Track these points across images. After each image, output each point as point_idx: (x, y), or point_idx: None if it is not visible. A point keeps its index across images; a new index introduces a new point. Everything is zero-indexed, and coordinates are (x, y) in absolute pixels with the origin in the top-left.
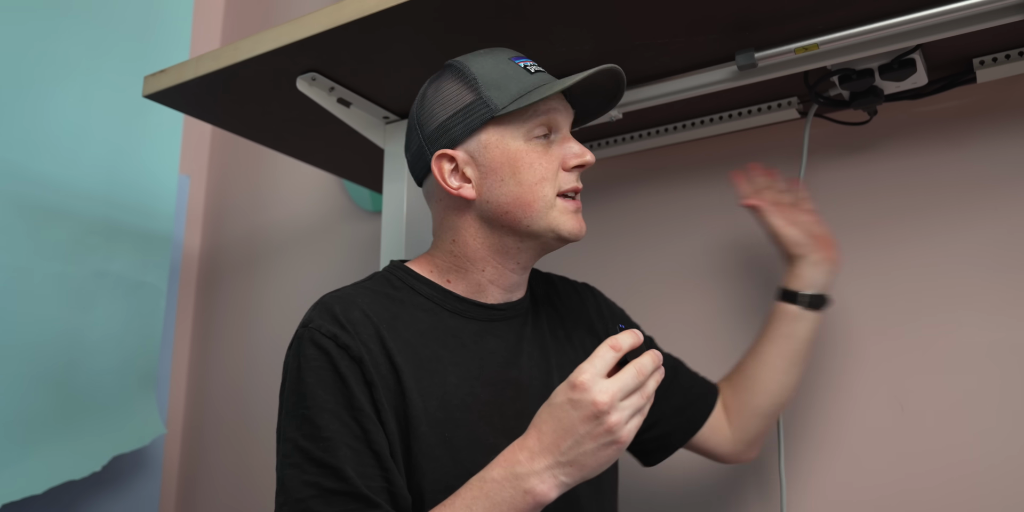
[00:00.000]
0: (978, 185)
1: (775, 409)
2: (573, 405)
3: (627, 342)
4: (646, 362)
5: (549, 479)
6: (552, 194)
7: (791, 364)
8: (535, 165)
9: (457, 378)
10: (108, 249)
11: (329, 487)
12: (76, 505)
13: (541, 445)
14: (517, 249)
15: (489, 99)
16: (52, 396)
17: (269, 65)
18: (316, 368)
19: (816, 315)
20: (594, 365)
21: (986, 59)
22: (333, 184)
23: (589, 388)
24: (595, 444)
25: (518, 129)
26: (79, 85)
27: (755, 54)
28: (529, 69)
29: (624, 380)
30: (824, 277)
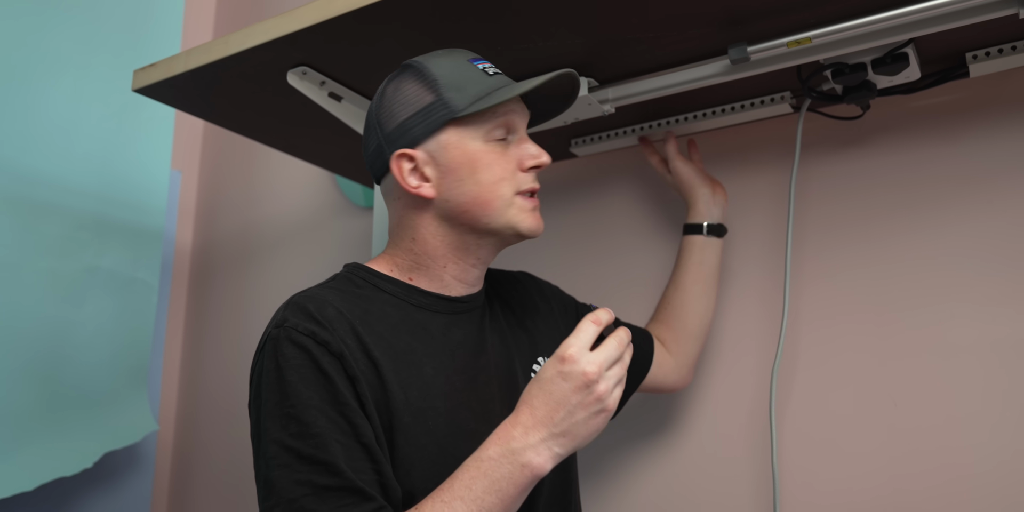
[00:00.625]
0: (971, 179)
1: (704, 330)
2: (563, 377)
3: (605, 318)
4: (623, 335)
5: (544, 451)
6: (510, 193)
7: (707, 287)
8: (493, 165)
9: (432, 369)
10: (99, 245)
11: (323, 484)
12: (67, 502)
13: (534, 419)
14: (476, 245)
15: (449, 100)
16: (43, 392)
17: (260, 59)
18: (297, 366)
19: (719, 241)
20: (579, 339)
21: (979, 53)
22: (325, 179)
23: (578, 360)
24: (586, 413)
25: (477, 130)
26: (70, 80)
27: (748, 48)
28: (487, 71)
29: (608, 351)
30: (719, 210)
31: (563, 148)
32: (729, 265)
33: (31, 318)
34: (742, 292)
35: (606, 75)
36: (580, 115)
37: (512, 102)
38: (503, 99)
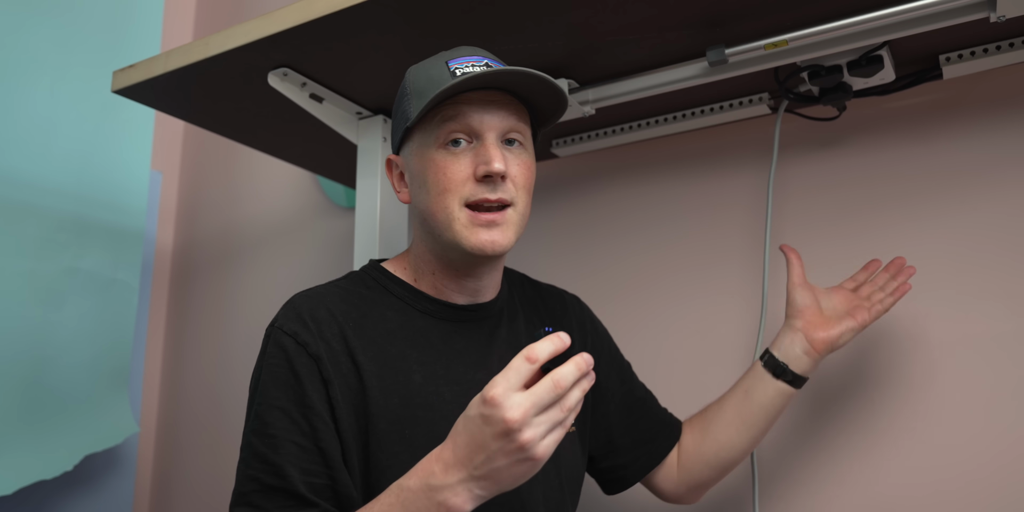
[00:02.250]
0: (945, 178)
1: (722, 463)
2: (485, 420)
3: (545, 351)
4: (565, 372)
5: (463, 492)
6: (455, 205)
7: (739, 421)
8: (439, 174)
9: (422, 377)
10: (79, 246)
11: (268, 483)
12: (47, 505)
13: (455, 458)
14: (450, 259)
15: (408, 107)
16: (22, 395)
17: (240, 60)
18: (272, 365)
19: (779, 385)
20: (507, 378)
21: (952, 56)
22: (307, 180)
23: (500, 404)
24: (508, 461)
25: (428, 137)
26: (48, 80)
27: (726, 50)
28: (456, 72)
29: (538, 395)
30: (798, 350)
31: (544, 149)
32: (707, 264)
33: (10, 320)
34: (721, 289)
35: (586, 77)
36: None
37: (470, 104)
38: (429, 99)
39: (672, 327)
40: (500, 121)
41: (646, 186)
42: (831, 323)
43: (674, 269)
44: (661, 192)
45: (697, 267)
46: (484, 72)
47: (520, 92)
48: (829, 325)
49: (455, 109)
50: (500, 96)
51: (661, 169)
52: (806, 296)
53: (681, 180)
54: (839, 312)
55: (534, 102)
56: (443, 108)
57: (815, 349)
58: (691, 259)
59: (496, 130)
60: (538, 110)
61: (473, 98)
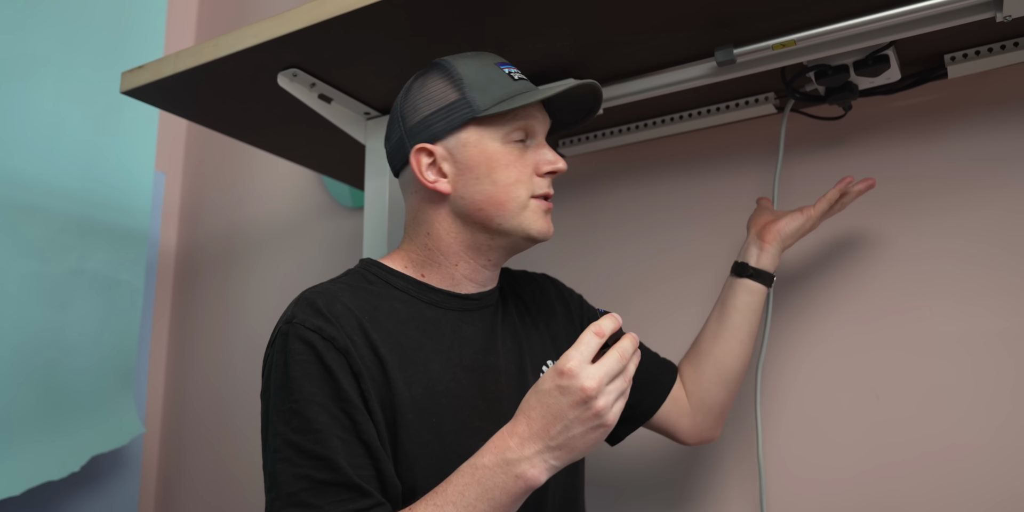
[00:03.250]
0: (950, 177)
1: (724, 375)
2: (562, 391)
3: (609, 327)
4: (627, 345)
5: (540, 463)
6: (525, 196)
7: (727, 329)
8: (510, 167)
9: (439, 365)
10: (84, 247)
11: (321, 479)
12: (53, 505)
13: (531, 431)
14: (488, 247)
15: (472, 99)
16: (29, 396)
17: (250, 61)
18: (302, 362)
19: (745, 282)
20: (580, 351)
21: (957, 55)
22: (312, 180)
23: (577, 374)
24: (583, 428)
25: (497, 131)
26: (52, 81)
27: (734, 50)
28: (512, 75)
29: (609, 365)
30: (753, 248)
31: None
32: (714, 263)
33: (16, 321)
34: None
35: (594, 77)
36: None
37: (533, 107)
38: (526, 102)
39: (675, 326)
40: (547, 125)
41: (651, 186)
42: (779, 218)
43: (679, 268)
44: (666, 192)
45: (702, 266)
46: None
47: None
48: (776, 220)
49: (527, 111)
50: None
51: (665, 169)
52: (762, 211)
53: (686, 180)
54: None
55: (557, 112)
56: (517, 109)
57: (763, 240)
58: (696, 258)
59: (544, 132)
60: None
61: (536, 102)
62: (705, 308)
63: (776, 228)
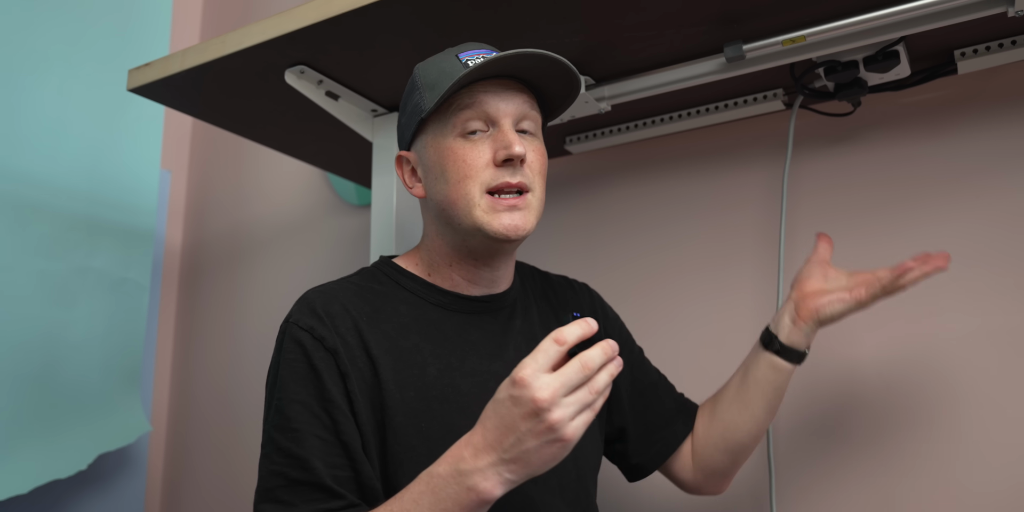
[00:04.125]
0: (959, 173)
1: (730, 446)
2: (513, 402)
3: (573, 334)
4: (593, 354)
5: (493, 476)
6: (476, 192)
7: (743, 401)
8: (458, 162)
9: (437, 370)
10: (90, 245)
11: (294, 477)
12: (60, 504)
13: (485, 442)
14: (467, 248)
15: (422, 100)
16: (36, 394)
17: (257, 58)
18: (291, 360)
19: (770, 357)
20: (536, 360)
21: (967, 50)
22: (317, 178)
23: (529, 384)
24: (537, 442)
25: (445, 126)
26: (57, 79)
27: (743, 46)
28: (468, 63)
29: (567, 375)
30: (787, 319)
31: (558, 146)
32: (722, 259)
33: (22, 320)
34: (734, 286)
35: (602, 73)
36: (577, 113)
37: (488, 92)
38: (448, 87)
39: (685, 325)
40: (515, 108)
41: (659, 183)
42: (824, 294)
43: (687, 266)
44: (674, 188)
45: (710, 264)
46: (499, 56)
47: (533, 79)
48: (820, 295)
49: (471, 97)
50: (513, 84)
51: (674, 165)
52: (814, 270)
53: (694, 176)
54: (839, 286)
55: (546, 89)
56: (458, 98)
57: (800, 317)
58: (704, 256)
59: (511, 116)
60: (548, 98)
61: (488, 86)
62: (713, 306)
63: (816, 307)
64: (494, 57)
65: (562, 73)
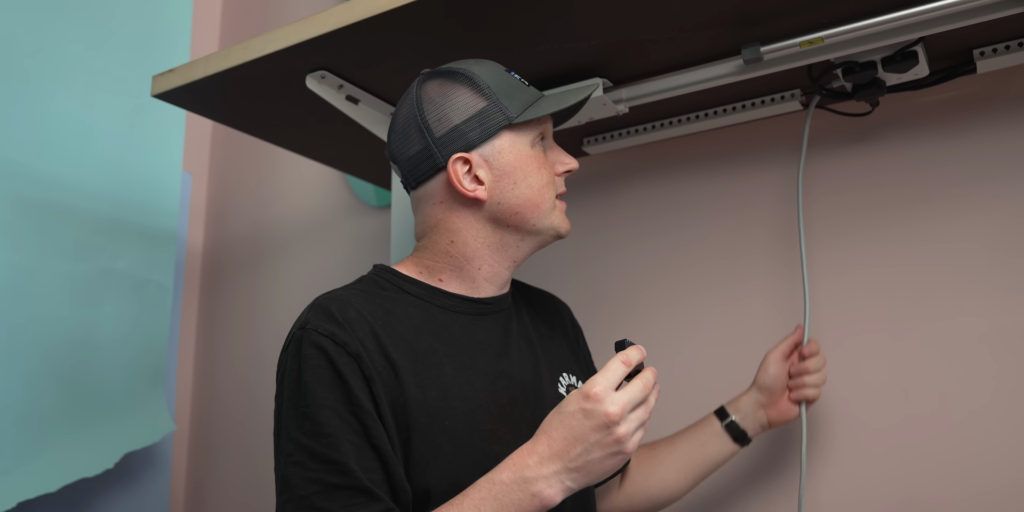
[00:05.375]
0: (978, 173)
1: (661, 499)
2: (586, 415)
3: (636, 358)
4: (650, 377)
5: (556, 484)
6: (553, 196)
7: (689, 469)
8: (541, 170)
9: (453, 369)
10: (114, 247)
11: (333, 482)
12: (87, 501)
13: (551, 451)
14: (516, 247)
15: (504, 107)
16: (63, 394)
17: (279, 64)
18: (315, 366)
19: (734, 447)
20: (607, 377)
21: (986, 50)
22: (336, 179)
23: (602, 399)
24: (603, 453)
25: (526, 136)
26: (82, 84)
27: (761, 48)
28: (524, 82)
29: (633, 393)
30: (757, 423)
31: (575, 147)
32: (738, 259)
33: (49, 321)
34: (751, 288)
35: (620, 76)
36: (595, 115)
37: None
38: (556, 109)
39: (700, 325)
40: (552, 126)
41: (676, 184)
42: (786, 406)
43: (703, 267)
44: (691, 189)
45: (725, 265)
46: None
47: None
48: (786, 409)
49: (546, 114)
50: None
51: (690, 166)
52: (780, 375)
53: (710, 177)
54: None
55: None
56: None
57: (770, 425)
58: (720, 256)
59: (552, 134)
60: None
61: None
62: (729, 306)
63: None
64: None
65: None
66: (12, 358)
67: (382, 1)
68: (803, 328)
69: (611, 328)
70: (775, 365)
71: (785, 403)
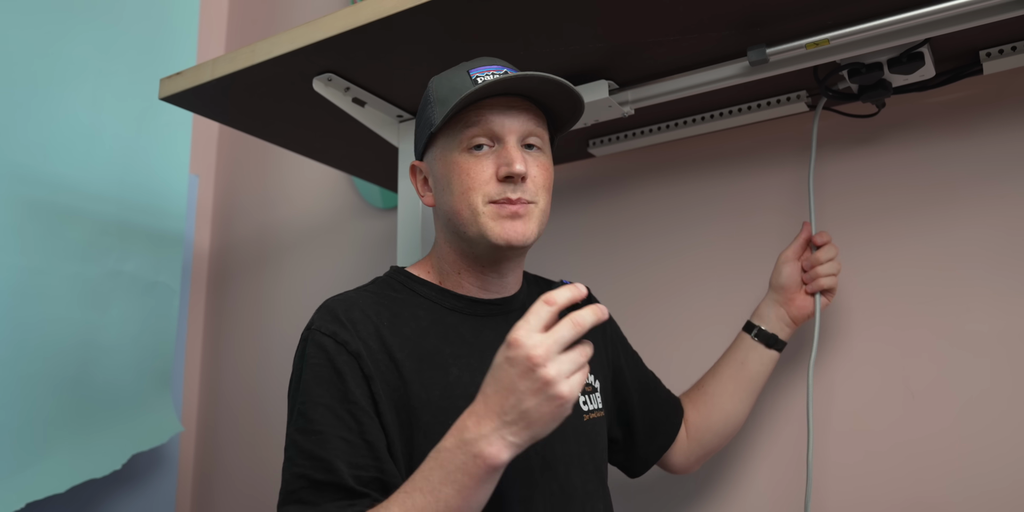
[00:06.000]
0: (985, 174)
1: (727, 429)
2: (510, 362)
3: (563, 296)
4: (584, 313)
5: (497, 441)
6: (479, 202)
7: (741, 390)
8: (463, 175)
9: (459, 370)
10: (122, 249)
11: (318, 479)
12: (94, 502)
13: (487, 408)
14: (474, 255)
15: (432, 114)
16: (71, 395)
17: (286, 66)
18: (314, 365)
19: (771, 353)
20: (528, 321)
21: (992, 51)
22: (342, 181)
23: (522, 343)
24: (537, 400)
25: (453, 141)
26: (90, 87)
27: (766, 50)
28: (477, 80)
29: (559, 333)
30: (781, 323)
31: (581, 149)
32: (746, 261)
33: (58, 322)
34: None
35: (626, 77)
36: (600, 117)
37: (495, 110)
38: (453, 105)
39: (707, 327)
40: (520, 125)
41: (682, 185)
42: (804, 301)
43: (709, 268)
44: (697, 191)
45: (733, 266)
46: (502, 78)
47: (539, 97)
48: (804, 304)
49: (478, 115)
50: (520, 102)
51: (697, 168)
52: (793, 273)
53: (715, 179)
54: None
55: (552, 107)
56: (466, 114)
57: (795, 322)
58: (727, 258)
59: (516, 134)
60: (556, 114)
61: (494, 104)
62: (738, 308)
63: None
64: (497, 79)
65: (564, 94)
66: (21, 359)
67: (389, 4)
68: (809, 224)
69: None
70: (787, 264)
71: (803, 298)
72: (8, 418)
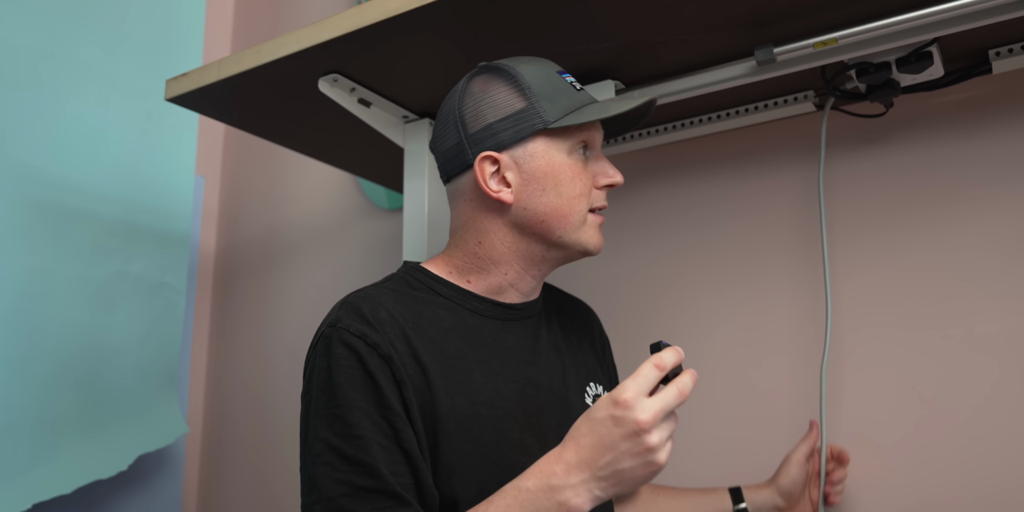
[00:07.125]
0: (994, 174)
1: None
2: (615, 422)
3: (670, 361)
4: (687, 382)
5: (584, 493)
6: (585, 209)
7: None
8: (575, 180)
9: (481, 375)
10: (128, 250)
11: (362, 485)
12: (101, 503)
13: (579, 458)
14: (542, 258)
15: (542, 110)
16: (77, 397)
17: (291, 67)
18: (346, 367)
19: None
20: (638, 383)
21: (1002, 50)
22: (348, 182)
23: (632, 406)
24: (634, 462)
25: (564, 143)
26: (96, 89)
27: (774, 49)
28: (575, 85)
29: (667, 400)
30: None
31: None
32: (754, 261)
33: (64, 323)
34: (770, 290)
35: (633, 77)
36: None
37: (595, 121)
38: (597, 118)
39: (718, 327)
40: (601, 136)
41: (690, 185)
42: (804, 505)
43: (720, 268)
44: (705, 190)
45: (742, 266)
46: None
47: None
48: (804, 508)
49: (590, 124)
50: None
51: (704, 168)
52: (800, 478)
53: (723, 179)
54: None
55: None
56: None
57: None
58: (736, 257)
59: (600, 144)
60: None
61: None
62: (748, 307)
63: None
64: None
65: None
66: (27, 361)
67: (394, 4)
68: (818, 424)
69: (628, 330)
70: (796, 467)
71: (804, 504)
72: (13, 419)
